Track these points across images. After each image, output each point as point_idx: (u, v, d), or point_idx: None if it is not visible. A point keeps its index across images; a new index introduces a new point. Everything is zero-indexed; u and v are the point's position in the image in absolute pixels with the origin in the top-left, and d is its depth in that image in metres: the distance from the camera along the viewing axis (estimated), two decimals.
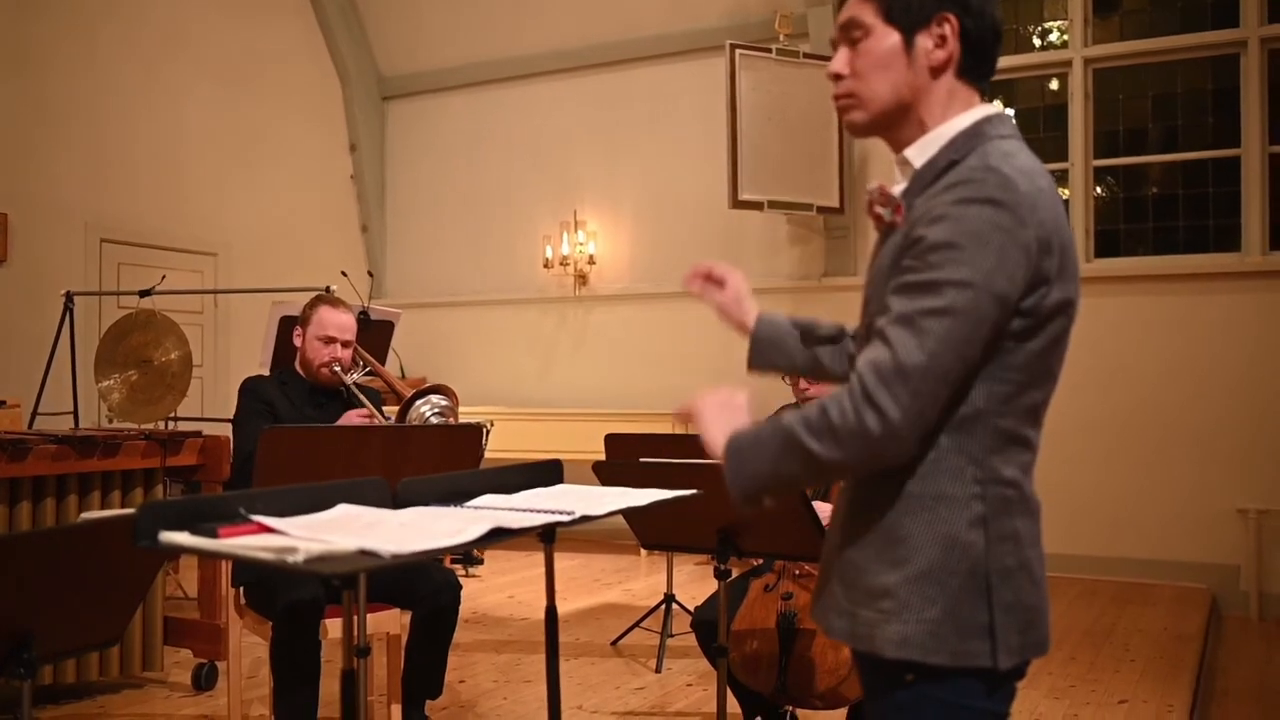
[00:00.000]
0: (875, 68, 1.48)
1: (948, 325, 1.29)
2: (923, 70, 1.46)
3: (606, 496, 2.02)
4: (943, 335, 1.29)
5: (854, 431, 1.31)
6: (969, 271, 1.30)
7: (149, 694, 4.00)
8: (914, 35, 1.46)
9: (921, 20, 1.45)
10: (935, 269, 1.31)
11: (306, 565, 1.36)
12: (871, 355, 1.33)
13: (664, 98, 7.72)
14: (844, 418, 1.32)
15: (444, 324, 8.37)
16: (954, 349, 1.30)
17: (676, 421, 1.69)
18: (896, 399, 1.29)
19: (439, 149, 8.72)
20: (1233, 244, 6.33)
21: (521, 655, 4.64)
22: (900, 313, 1.32)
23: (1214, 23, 6.41)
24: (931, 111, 1.47)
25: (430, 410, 3.66)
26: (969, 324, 1.30)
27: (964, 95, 1.48)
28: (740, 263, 8.38)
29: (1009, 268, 1.31)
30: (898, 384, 1.29)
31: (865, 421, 1.30)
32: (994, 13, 1.48)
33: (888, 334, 1.33)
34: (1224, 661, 5.03)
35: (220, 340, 7.57)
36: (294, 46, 8.38)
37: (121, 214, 7.06)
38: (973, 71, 1.48)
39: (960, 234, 1.31)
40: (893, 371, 1.30)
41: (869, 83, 1.49)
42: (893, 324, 1.33)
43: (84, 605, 2.06)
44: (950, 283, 1.30)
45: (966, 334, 1.30)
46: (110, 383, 5.19)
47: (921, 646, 1.34)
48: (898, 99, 1.48)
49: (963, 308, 1.29)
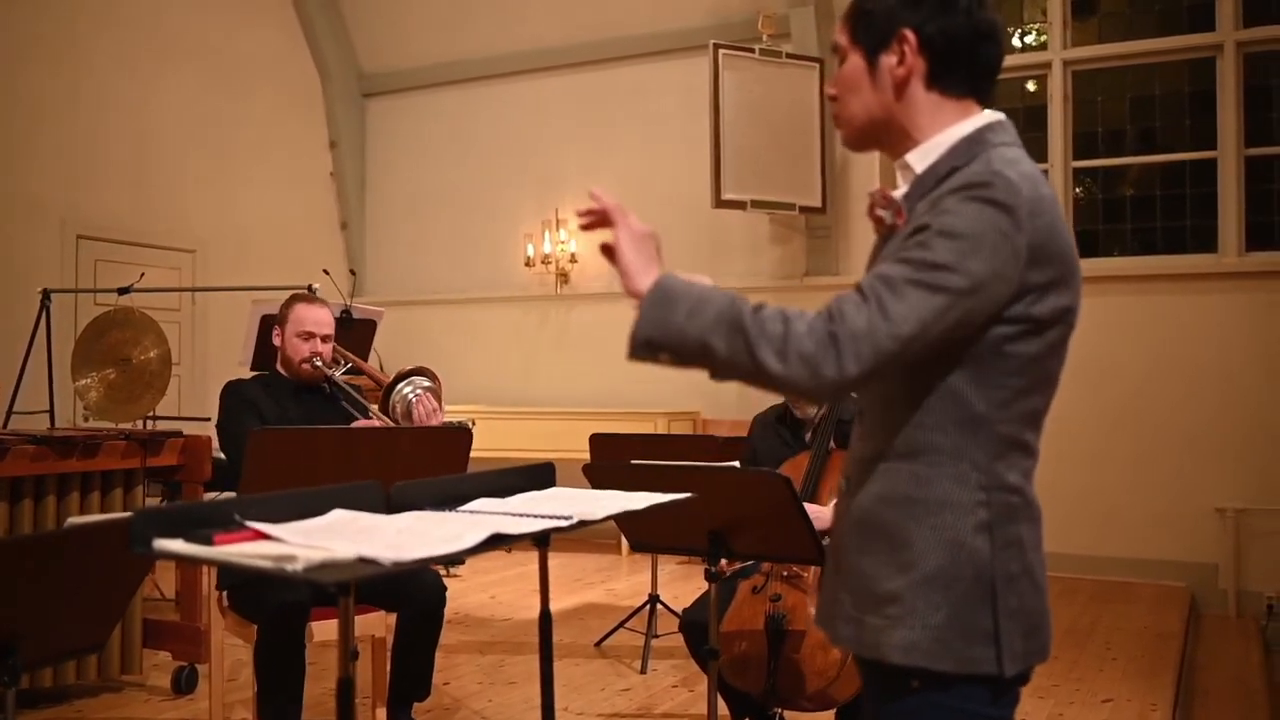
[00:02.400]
0: (847, 90, 1.52)
1: (926, 300, 1.29)
2: (888, 88, 1.47)
3: (602, 500, 2.01)
4: (919, 307, 1.29)
5: (805, 361, 1.28)
6: (957, 259, 1.30)
7: (128, 697, 3.95)
8: (876, 55, 1.48)
9: (881, 40, 1.47)
10: (928, 249, 1.32)
11: (306, 573, 1.34)
12: (851, 303, 1.31)
13: (646, 96, 7.71)
14: (801, 345, 1.28)
15: (424, 322, 8.33)
16: (925, 325, 1.30)
17: (581, 219, 1.57)
18: (859, 356, 1.28)
19: (420, 146, 8.67)
20: (1209, 245, 6.39)
21: (505, 656, 4.63)
22: (886, 275, 1.32)
23: (1190, 26, 6.47)
24: (917, 124, 1.47)
25: (412, 391, 3.64)
26: (944, 305, 1.30)
27: (953, 103, 1.47)
28: (722, 262, 8.45)
29: (996, 267, 1.32)
30: (866, 341, 1.28)
31: (822, 362, 1.28)
32: (968, 15, 1.45)
33: (871, 289, 1.32)
34: (1203, 659, 5.08)
35: (198, 338, 7.50)
36: (274, 42, 8.31)
37: (99, 211, 6.98)
38: (950, 78, 1.46)
39: (958, 225, 1.32)
40: (865, 327, 1.28)
41: (846, 104, 1.53)
42: (877, 282, 1.32)
43: (69, 611, 2.03)
44: (939, 265, 1.30)
45: (939, 314, 1.30)
46: (88, 381, 5.12)
47: (927, 653, 1.34)
48: (870, 118, 1.50)
49: (944, 287, 1.30)
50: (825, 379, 1.28)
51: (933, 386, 1.37)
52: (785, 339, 1.29)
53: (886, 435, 1.42)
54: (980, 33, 1.47)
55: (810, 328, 1.29)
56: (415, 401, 3.59)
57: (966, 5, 1.46)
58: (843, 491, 1.52)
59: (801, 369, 1.28)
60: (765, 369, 1.29)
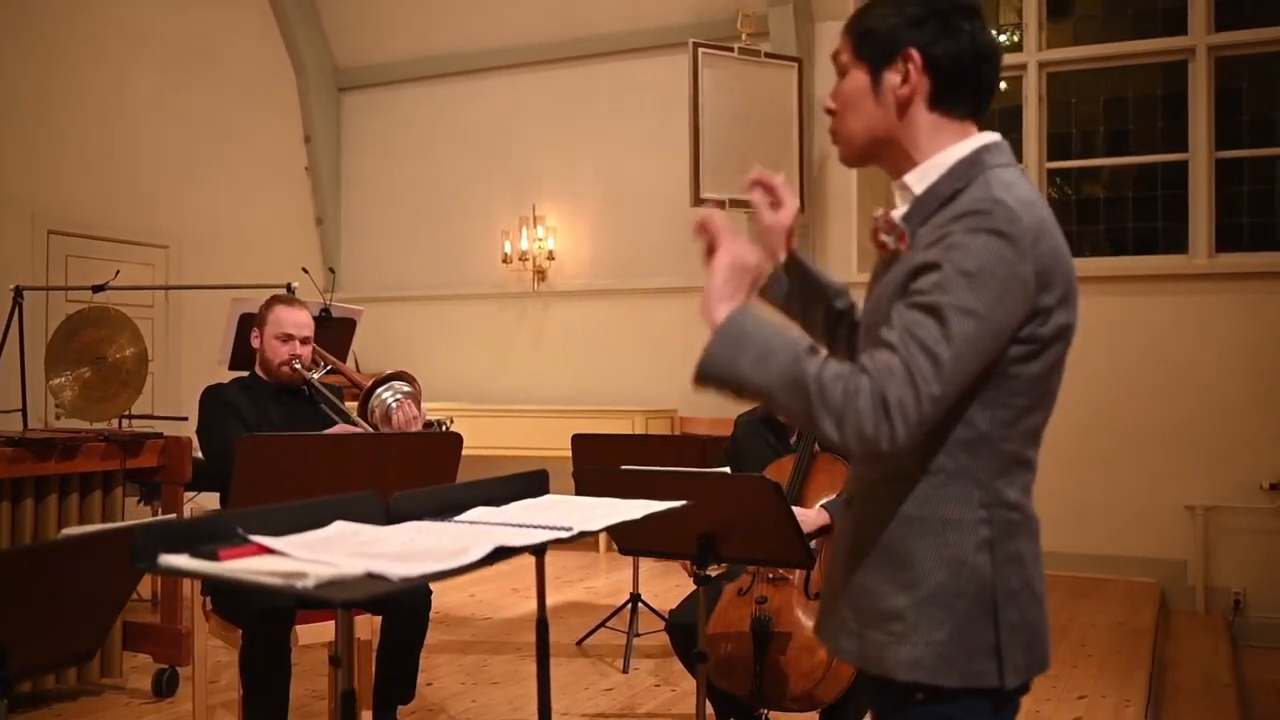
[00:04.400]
0: (848, 106, 1.52)
1: (953, 353, 1.31)
2: (890, 107, 1.48)
3: (598, 509, 2.02)
4: (950, 363, 1.31)
5: (861, 437, 1.31)
6: (974, 301, 1.32)
7: (108, 701, 3.92)
8: (880, 73, 1.48)
9: (886, 58, 1.47)
10: (942, 293, 1.33)
11: (317, 591, 1.35)
12: (896, 368, 1.32)
13: (624, 94, 7.71)
14: (861, 422, 1.31)
15: (400, 319, 8.30)
16: (955, 379, 1.32)
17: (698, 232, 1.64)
18: (908, 425, 1.30)
19: (396, 142, 8.62)
20: (1180, 246, 6.48)
21: (487, 656, 4.63)
22: (912, 333, 1.32)
23: (1164, 29, 6.56)
24: (916, 143, 1.48)
25: (391, 396, 3.63)
26: (969, 353, 1.32)
27: (953, 124, 1.48)
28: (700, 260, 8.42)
29: (1009, 302, 1.34)
30: (913, 409, 1.30)
31: (878, 434, 1.30)
32: (971, 37, 1.46)
33: (909, 354, 1.32)
34: (1174, 655, 5.17)
35: (171, 335, 7.43)
36: (248, 35, 8.23)
37: (70, 205, 6.89)
38: (950, 99, 1.47)
39: (968, 263, 1.33)
40: (912, 397, 1.30)
41: (845, 120, 1.53)
42: (913, 345, 1.32)
43: (61, 621, 2.02)
44: (957, 309, 1.31)
45: (965, 364, 1.32)
46: (62, 380, 5.05)
47: (931, 669, 1.37)
48: (872, 135, 1.51)
49: (967, 337, 1.31)
50: (882, 450, 1.32)
51: None
52: (844, 412, 1.32)
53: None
54: (982, 54, 1.48)
55: (868, 403, 1.31)
56: (395, 408, 3.58)
57: (970, 27, 1.47)
58: (844, 508, 1.54)
59: (857, 441, 1.32)
60: (822, 432, 1.34)
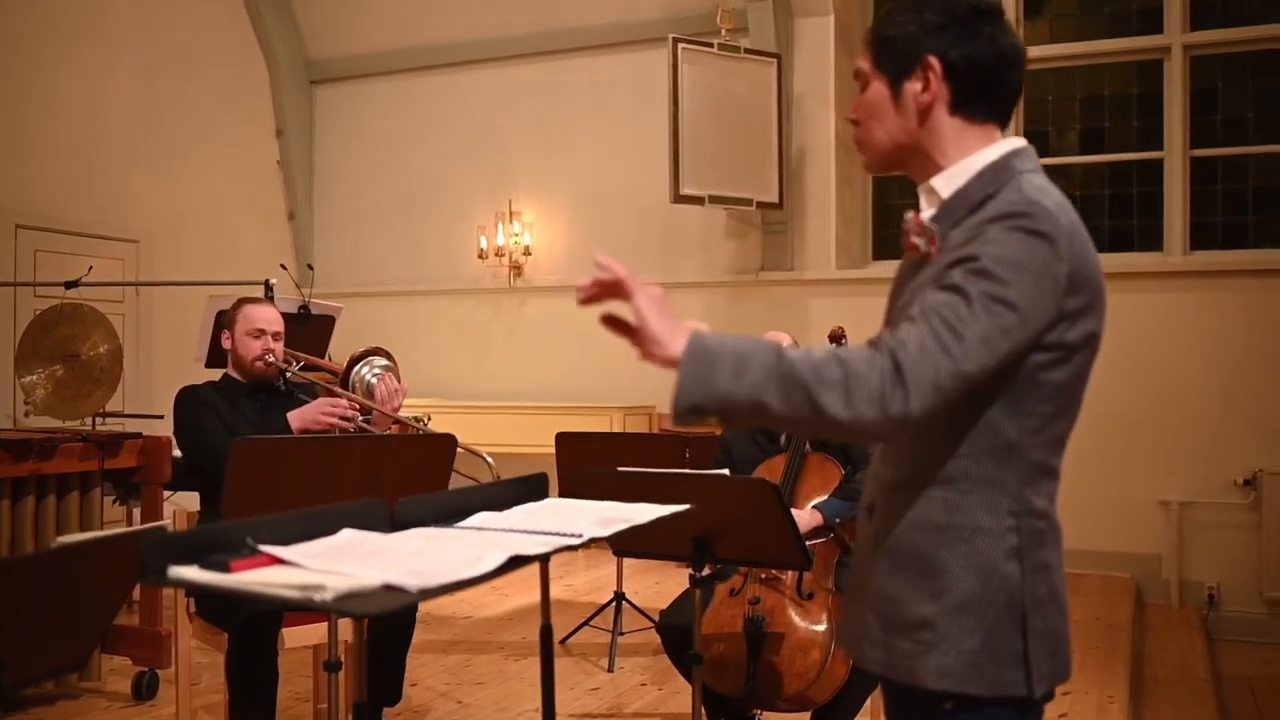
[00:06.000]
0: (870, 116, 1.52)
1: (978, 333, 1.30)
2: (912, 114, 1.48)
3: (604, 514, 2.00)
4: (981, 342, 1.30)
5: (872, 400, 1.26)
6: (1005, 291, 1.31)
7: (87, 704, 3.86)
8: (900, 82, 1.48)
9: (905, 67, 1.47)
10: (974, 280, 1.32)
11: (336, 603, 1.32)
12: (912, 336, 1.30)
13: (602, 89, 7.67)
14: (867, 383, 1.26)
15: (374, 315, 8.20)
16: (978, 357, 1.31)
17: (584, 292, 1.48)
18: (924, 391, 1.27)
19: (369, 135, 8.53)
20: (1155, 244, 6.54)
21: (470, 656, 4.60)
22: (937, 310, 1.31)
23: (1139, 28, 6.61)
24: (942, 150, 1.48)
25: (370, 371, 3.61)
26: (995, 338, 1.31)
27: (977, 129, 1.48)
28: (678, 256, 8.44)
29: (1041, 298, 1.34)
30: (932, 376, 1.28)
31: (890, 399, 1.26)
32: (991, 41, 1.45)
33: (929, 323, 1.30)
34: (1151, 649, 5.22)
35: (143, 332, 7.31)
36: (218, 26, 8.10)
37: (38, 199, 6.76)
38: (973, 104, 1.47)
39: (1006, 256, 1.32)
40: (931, 363, 1.28)
41: (869, 130, 1.53)
42: (934, 318, 1.31)
43: (54, 630, 1.97)
44: (987, 295, 1.31)
45: (991, 346, 1.31)
46: (34, 378, 4.96)
47: (961, 678, 1.36)
48: (894, 144, 1.50)
49: (994, 321, 1.31)
50: (893, 415, 1.26)
51: (965, 415, 1.38)
52: (847, 381, 1.26)
53: (916, 461, 1.43)
54: (1004, 58, 1.47)
55: (871, 363, 1.27)
56: (376, 383, 3.57)
57: (990, 31, 1.46)
58: (863, 515, 1.53)
59: (869, 408, 1.26)
60: (830, 416, 1.26)
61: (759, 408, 1.28)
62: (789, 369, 1.28)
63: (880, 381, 1.27)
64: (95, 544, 1.88)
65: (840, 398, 1.26)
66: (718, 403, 1.29)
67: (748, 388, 1.28)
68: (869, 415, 1.26)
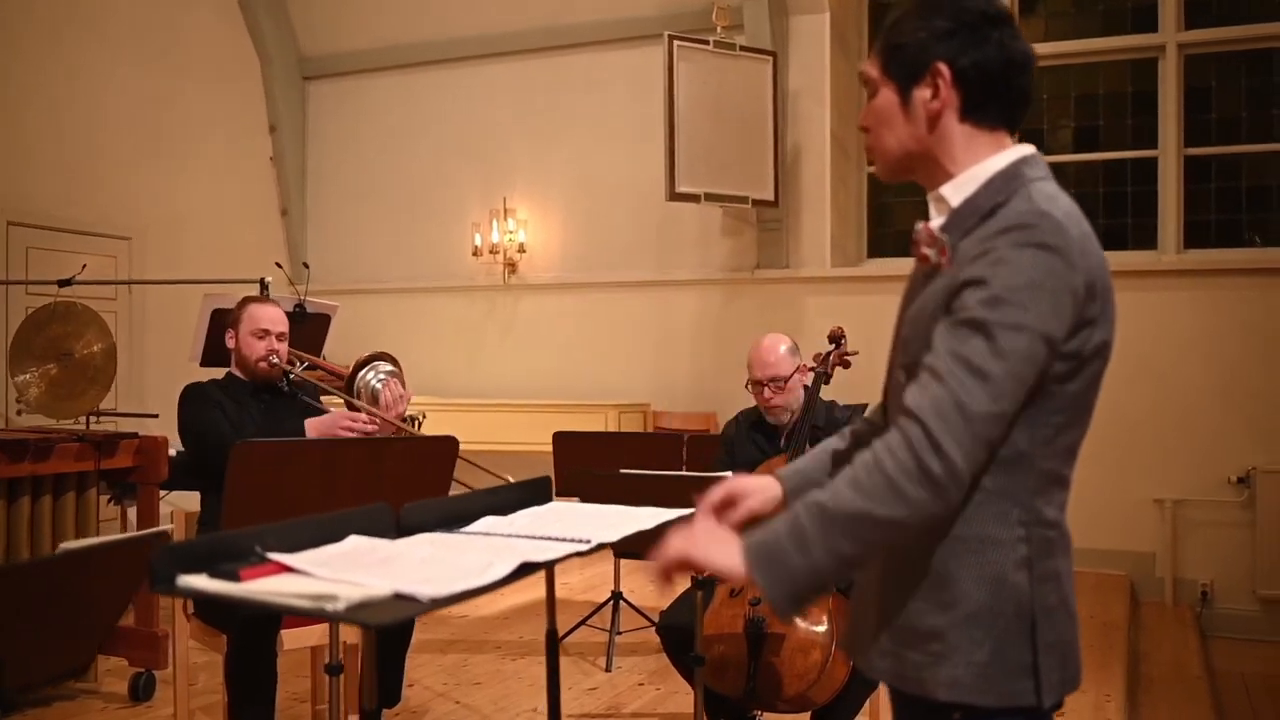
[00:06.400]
0: (880, 124, 1.51)
1: (1005, 369, 1.30)
2: (921, 121, 1.47)
3: (610, 518, 2.00)
4: (1001, 379, 1.30)
5: (918, 478, 1.28)
6: (1024, 316, 1.30)
7: (84, 706, 3.84)
8: (910, 89, 1.47)
9: (914, 74, 1.46)
10: (991, 310, 1.31)
11: (348, 614, 1.32)
12: (928, 395, 1.31)
13: (597, 86, 7.65)
14: (903, 466, 1.29)
15: (367, 312, 8.17)
16: (1010, 393, 1.31)
17: (659, 578, 1.47)
18: (959, 441, 1.28)
19: (363, 132, 8.49)
20: (1149, 242, 6.56)
21: (467, 655, 4.59)
22: (956, 352, 1.32)
23: (1134, 27, 6.62)
24: (952, 157, 1.47)
25: (375, 376, 3.62)
26: (1023, 368, 1.31)
27: (986, 135, 1.47)
28: (673, 253, 8.38)
29: (1061, 313, 1.33)
30: (960, 425, 1.28)
31: (929, 465, 1.28)
32: (1000, 46, 1.44)
33: (942, 373, 1.31)
34: (1145, 647, 5.24)
35: (135, 329, 7.27)
36: (212, 22, 8.06)
37: (29, 196, 6.72)
38: (983, 110, 1.46)
39: (1016, 278, 1.31)
40: (955, 412, 1.29)
41: (879, 137, 1.52)
42: (949, 362, 1.31)
43: (58, 635, 1.97)
44: (1007, 326, 1.30)
45: (1020, 378, 1.31)
46: (28, 376, 4.93)
47: (971, 689, 1.36)
48: (905, 151, 1.50)
49: (1019, 352, 1.30)
50: (942, 483, 1.28)
51: None
52: (890, 480, 1.29)
53: None
54: (1013, 63, 1.47)
55: (904, 444, 1.29)
56: (381, 388, 3.57)
57: (999, 37, 1.45)
58: None
59: (920, 490, 1.28)
60: (900, 523, 1.29)
61: (844, 560, 1.32)
62: (838, 510, 1.31)
63: (915, 457, 1.29)
64: (98, 550, 1.87)
65: (894, 501, 1.29)
66: (808, 582, 1.33)
67: (821, 553, 1.31)
68: (924, 496, 1.29)
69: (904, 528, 1.31)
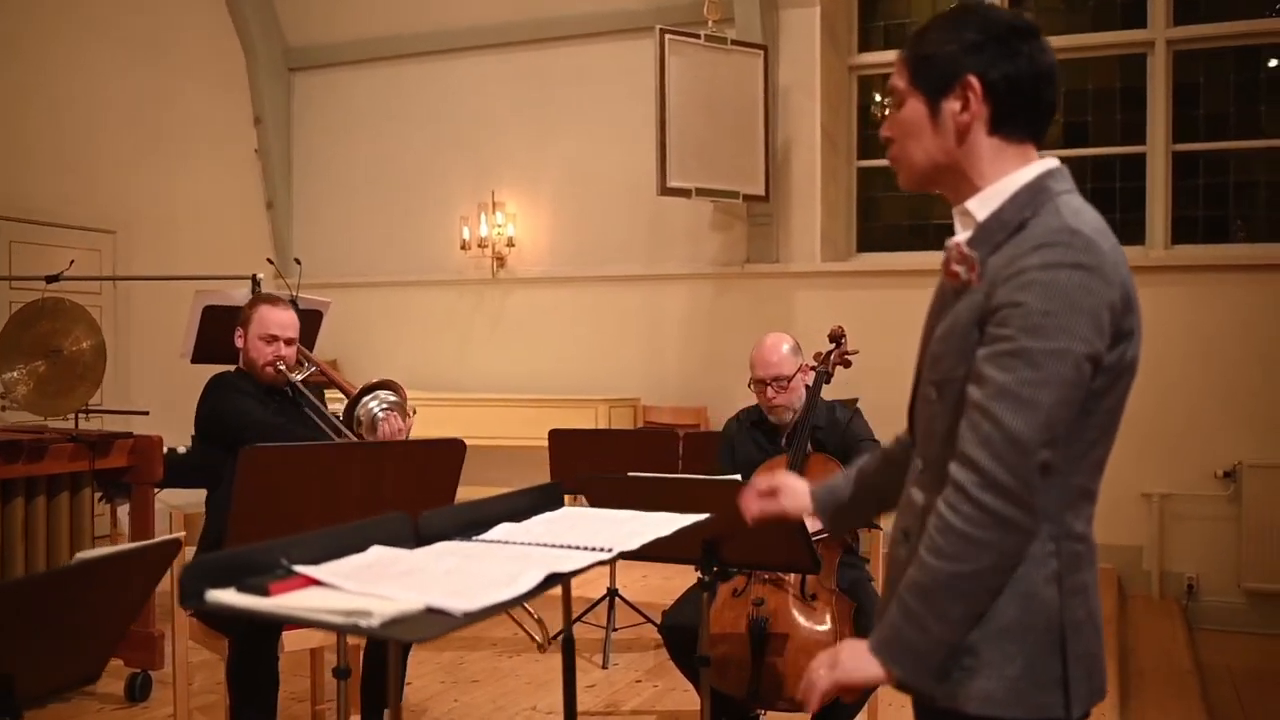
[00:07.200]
0: (907, 135, 1.51)
1: (1051, 395, 1.32)
2: (950, 134, 1.47)
3: (625, 525, 1.99)
4: (1048, 407, 1.32)
5: (986, 523, 1.32)
6: (1066, 339, 1.32)
7: (80, 707, 3.82)
8: (939, 102, 1.47)
9: (944, 87, 1.46)
10: (1031, 337, 1.32)
11: (383, 630, 1.31)
12: (979, 434, 1.34)
13: (587, 79, 7.61)
14: (969, 518, 1.33)
15: (355, 306, 8.11)
16: (1058, 418, 1.33)
17: (815, 705, 1.47)
18: (1015, 473, 1.31)
19: (349, 124, 8.43)
20: (1137, 238, 6.59)
21: (464, 653, 4.59)
22: (1001, 385, 1.33)
23: (1123, 23, 6.64)
24: (979, 170, 1.47)
25: (378, 405, 3.60)
26: (1070, 392, 1.33)
27: (1014, 148, 1.47)
28: (663, 247, 8.35)
29: (1101, 331, 1.34)
30: (1015, 458, 1.31)
31: (992, 507, 1.32)
32: (1030, 59, 1.45)
33: (993, 410, 1.34)
34: (1134, 641, 5.28)
35: (120, 325, 7.20)
36: (195, 13, 7.97)
37: (12, 190, 6.64)
38: (1012, 123, 1.46)
39: (1054, 301, 1.32)
40: (1008, 447, 1.32)
41: (905, 149, 1.52)
42: (995, 398, 1.33)
43: (69, 645, 1.95)
44: (1048, 352, 1.32)
45: (1068, 402, 1.34)
46: (15, 374, 4.88)
47: (1002, 703, 1.37)
48: (932, 163, 1.49)
49: (1065, 377, 1.32)
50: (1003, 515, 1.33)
51: None
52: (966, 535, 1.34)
53: None
54: (1043, 76, 1.47)
55: (952, 499, 1.34)
56: (382, 419, 3.56)
57: (1029, 49, 1.46)
58: (901, 540, 1.53)
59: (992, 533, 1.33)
60: (989, 569, 1.34)
61: (959, 621, 1.37)
62: (933, 582, 1.36)
63: (975, 504, 1.34)
64: (113, 559, 1.85)
65: (975, 553, 1.34)
66: (937, 653, 1.38)
67: (936, 625, 1.37)
68: (998, 537, 1.34)
69: (998, 570, 1.35)
